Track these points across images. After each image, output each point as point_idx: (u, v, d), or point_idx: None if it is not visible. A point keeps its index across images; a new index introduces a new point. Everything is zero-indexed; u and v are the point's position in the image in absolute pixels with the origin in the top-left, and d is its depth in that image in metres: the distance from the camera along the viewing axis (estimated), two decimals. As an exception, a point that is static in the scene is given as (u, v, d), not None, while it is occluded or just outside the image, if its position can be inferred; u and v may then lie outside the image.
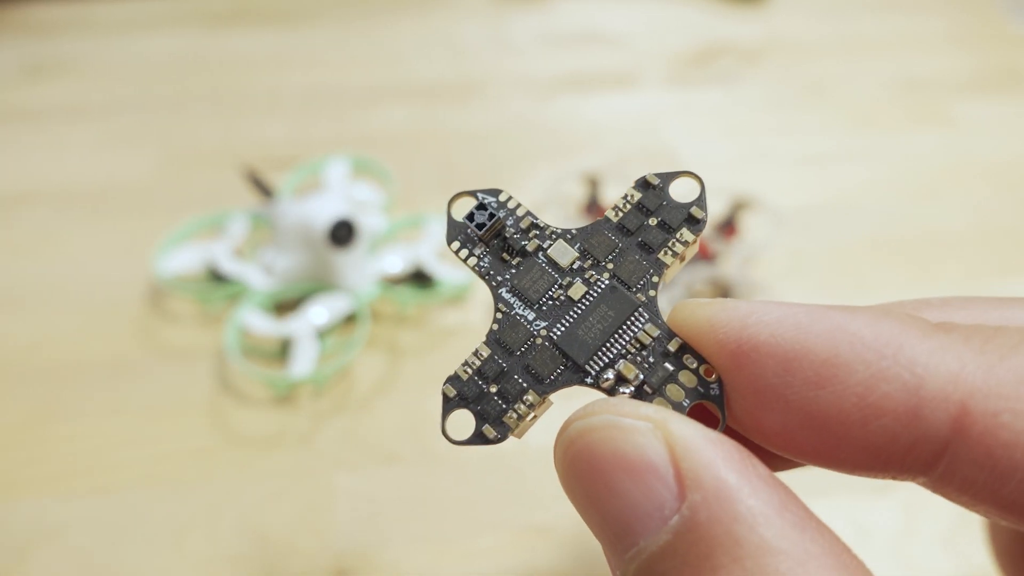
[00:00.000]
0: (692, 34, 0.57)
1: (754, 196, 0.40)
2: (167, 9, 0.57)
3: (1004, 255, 0.41)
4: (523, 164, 0.45)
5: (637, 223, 0.15)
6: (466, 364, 0.14)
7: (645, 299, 0.14)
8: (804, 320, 0.12)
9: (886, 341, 0.11)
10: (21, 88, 0.51)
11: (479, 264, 0.15)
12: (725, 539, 0.10)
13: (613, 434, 0.12)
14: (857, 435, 0.12)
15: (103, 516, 0.29)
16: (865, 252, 0.41)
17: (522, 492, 0.30)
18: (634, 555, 0.11)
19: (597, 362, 0.14)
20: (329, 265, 0.35)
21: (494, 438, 0.14)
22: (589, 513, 0.12)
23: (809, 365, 0.12)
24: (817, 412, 0.12)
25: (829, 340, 0.12)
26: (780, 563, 0.10)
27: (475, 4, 0.59)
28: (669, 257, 0.14)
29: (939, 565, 0.28)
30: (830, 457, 0.12)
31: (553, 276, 0.15)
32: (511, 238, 0.15)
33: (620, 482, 0.11)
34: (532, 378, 0.14)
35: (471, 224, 0.15)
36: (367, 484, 0.30)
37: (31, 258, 0.40)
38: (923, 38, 0.57)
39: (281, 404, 0.33)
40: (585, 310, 0.14)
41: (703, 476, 0.11)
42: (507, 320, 0.14)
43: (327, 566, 0.28)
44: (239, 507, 0.30)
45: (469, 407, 0.14)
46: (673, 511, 0.11)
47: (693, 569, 0.10)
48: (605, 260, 0.14)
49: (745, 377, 0.12)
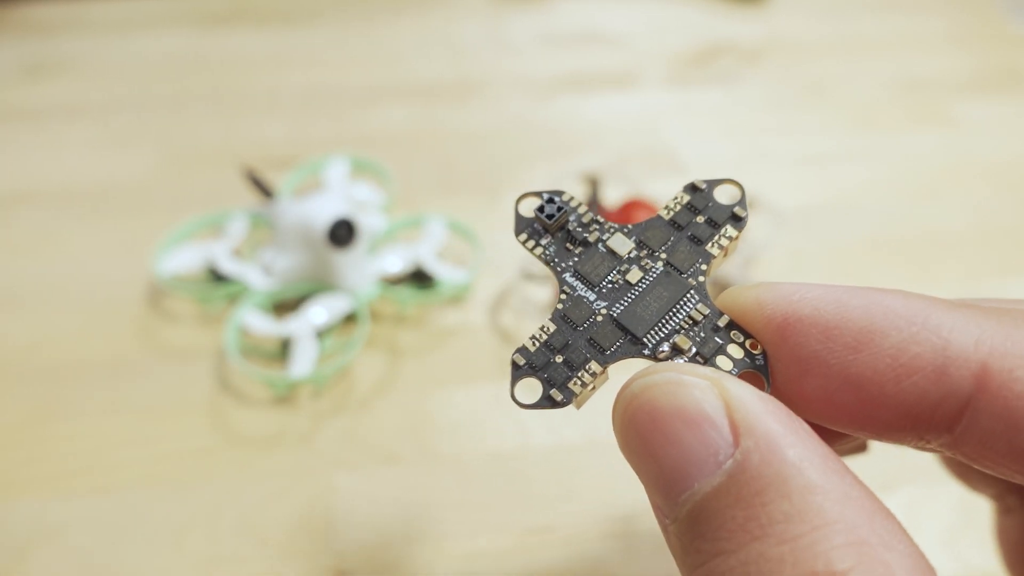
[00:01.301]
0: (692, 34, 0.57)
1: (754, 196, 0.40)
2: (166, 8, 0.57)
3: (1004, 255, 0.41)
4: (523, 164, 0.45)
5: (687, 219, 0.17)
6: (534, 337, 0.16)
7: (695, 283, 0.16)
8: (843, 296, 0.14)
9: (916, 311, 0.13)
10: (20, 87, 0.51)
11: (545, 252, 0.17)
12: (775, 479, 0.12)
13: (674, 389, 0.13)
14: (891, 393, 0.13)
15: (103, 516, 0.29)
16: (865, 252, 0.41)
17: (523, 493, 0.30)
18: (688, 496, 0.12)
19: (654, 336, 0.15)
20: (329, 265, 0.35)
21: (561, 401, 0.15)
22: (646, 462, 0.13)
23: (848, 332, 0.13)
24: (855, 373, 0.13)
25: (865, 311, 0.13)
26: (824, 500, 0.11)
27: (475, 4, 0.59)
28: (716, 249, 0.16)
29: (939, 566, 0.28)
30: (866, 417, 0.13)
31: (612, 263, 0.16)
32: (574, 231, 0.17)
33: (679, 431, 0.13)
34: (595, 349, 0.15)
35: (542, 215, 0.16)
36: (367, 484, 0.30)
37: (30, 258, 0.40)
38: (923, 38, 0.57)
39: (281, 404, 0.33)
40: (642, 292, 0.16)
41: (755, 426, 0.12)
42: (571, 300, 0.16)
43: (327, 566, 0.28)
44: (239, 507, 0.29)
45: (537, 374, 0.15)
46: (727, 456, 0.12)
47: (746, 503, 0.12)
48: (659, 250, 0.16)
49: (789, 347, 0.14)
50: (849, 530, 0.11)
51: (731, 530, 0.12)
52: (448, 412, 0.33)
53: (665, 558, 0.28)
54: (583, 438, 0.32)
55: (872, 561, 0.11)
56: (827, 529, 0.11)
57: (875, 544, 0.11)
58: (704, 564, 0.12)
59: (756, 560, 0.11)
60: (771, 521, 0.11)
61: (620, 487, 0.30)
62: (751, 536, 0.11)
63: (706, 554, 0.12)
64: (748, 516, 0.12)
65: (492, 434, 0.32)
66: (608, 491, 0.30)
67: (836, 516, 0.11)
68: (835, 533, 0.11)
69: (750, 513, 0.12)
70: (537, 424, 0.32)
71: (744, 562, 0.11)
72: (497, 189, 0.43)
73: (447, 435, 0.32)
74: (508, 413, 0.33)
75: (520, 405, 0.15)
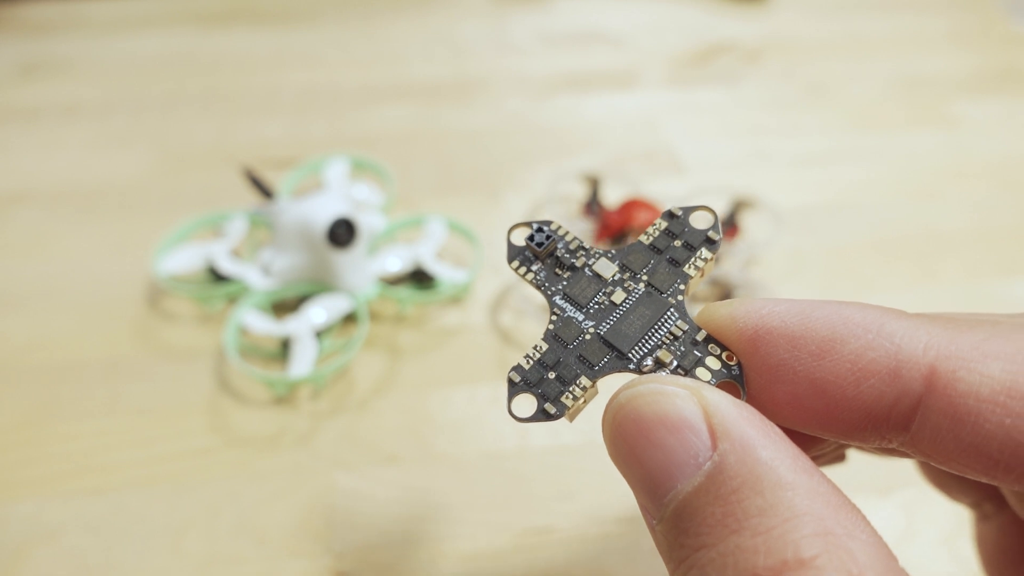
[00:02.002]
0: (692, 34, 0.57)
1: (754, 196, 0.40)
2: (163, 8, 0.57)
3: (1004, 255, 0.41)
4: (523, 164, 0.45)
5: (665, 244, 0.18)
6: (527, 356, 0.17)
7: (675, 302, 0.17)
8: (807, 308, 0.15)
9: (872, 320, 0.15)
10: (17, 87, 0.51)
11: (536, 277, 0.18)
12: (749, 477, 0.13)
13: (657, 398, 0.14)
14: (852, 395, 0.14)
15: (101, 516, 0.29)
16: (865, 252, 0.40)
17: (521, 493, 0.30)
18: (672, 496, 0.13)
19: (638, 351, 0.17)
20: (328, 265, 0.35)
21: (554, 414, 0.16)
22: (633, 467, 0.14)
23: (812, 341, 0.15)
24: (820, 378, 0.14)
25: (827, 322, 0.15)
26: (793, 495, 0.12)
27: (475, 4, 0.59)
28: (692, 270, 0.17)
29: (939, 567, 0.28)
30: (831, 419, 0.15)
31: (598, 286, 0.18)
32: (562, 257, 0.18)
33: (662, 437, 0.14)
34: (585, 365, 0.17)
35: (532, 243, 0.18)
36: (367, 484, 0.30)
37: (28, 258, 0.40)
38: (923, 38, 0.57)
39: (280, 404, 0.33)
40: (626, 311, 0.17)
41: (731, 429, 0.13)
42: (561, 320, 0.17)
43: (327, 566, 0.28)
44: (238, 507, 0.29)
45: (531, 390, 0.16)
46: (706, 458, 0.13)
47: (723, 500, 0.13)
48: (641, 272, 0.18)
49: (760, 357, 0.15)
50: (816, 521, 0.12)
51: (711, 525, 0.13)
52: (448, 412, 0.33)
53: (665, 559, 0.28)
54: (582, 439, 0.32)
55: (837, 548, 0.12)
56: (796, 521, 0.12)
57: (840, 534, 0.12)
58: (688, 558, 0.13)
59: (733, 551, 0.12)
60: (746, 515, 0.12)
61: (618, 488, 0.30)
62: (729, 530, 0.12)
63: (689, 548, 0.13)
64: (726, 512, 0.13)
65: (491, 434, 0.32)
66: (607, 491, 0.30)
67: (805, 509, 0.12)
68: (803, 524, 0.12)
69: (727, 509, 0.13)
70: (536, 426, 0.32)
71: (723, 554, 0.12)
72: (497, 189, 0.43)
73: (447, 435, 0.32)
74: (507, 414, 0.33)
75: (517, 419, 0.16)
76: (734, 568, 0.12)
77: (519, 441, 0.32)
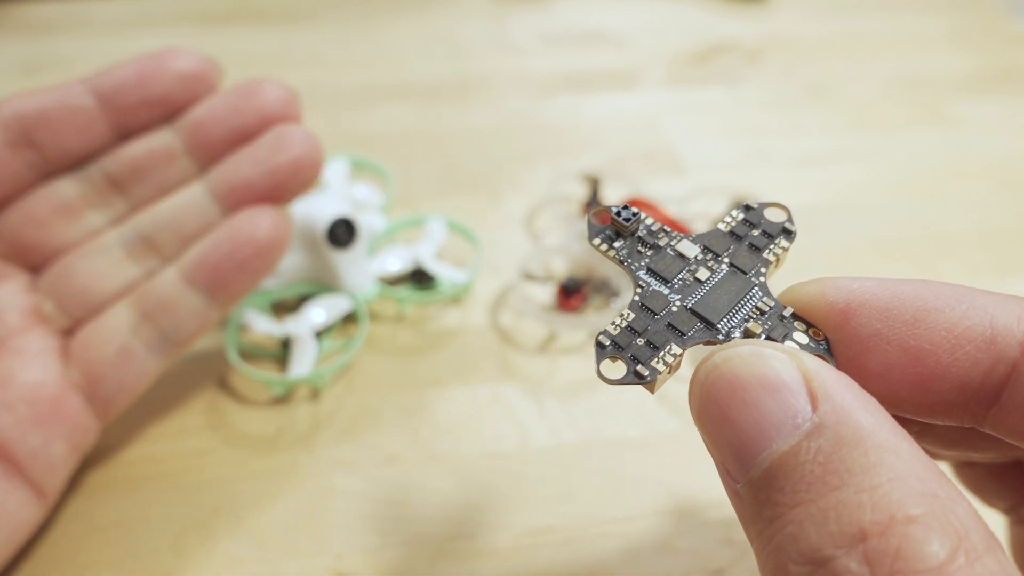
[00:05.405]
0: (692, 33, 0.57)
1: (755, 196, 0.40)
2: (164, 8, 0.57)
3: (1004, 255, 0.41)
4: (523, 163, 0.45)
5: (744, 231, 0.19)
6: (614, 323, 0.17)
7: (758, 282, 0.18)
8: (896, 284, 0.16)
9: (963, 294, 0.15)
10: (16, 87, 0.51)
11: (618, 254, 0.18)
12: (851, 437, 0.13)
13: (756, 360, 0.14)
14: (946, 363, 0.15)
15: (99, 516, 0.29)
16: (866, 252, 0.40)
17: (521, 494, 0.30)
18: (767, 456, 0.14)
19: (727, 322, 0.17)
20: (328, 265, 0.35)
21: (647, 376, 0.16)
22: (723, 428, 0.14)
23: (906, 310, 0.15)
24: (914, 346, 0.15)
25: (919, 294, 0.15)
26: (895, 459, 0.13)
27: (475, 3, 0.59)
28: (771, 256, 0.18)
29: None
30: (922, 389, 0.15)
31: (682, 264, 0.18)
32: (645, 236, 0.19)
33: (759, 397, 0.14)
34: (674, 333, 0.17)
35: (620, 219, 0.18)
36: (367, 484, 0.30)
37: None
38: (924, 37, 0.57)
39: (280, 404, 0.33)
40: (712, 287, 0.18)
41: (832, 394, 0.14)
42: (647, 292, 0.17)
43: (326, 567, 0.28)
44: (237, 507, 0.29)
45: (621, 354, 0.16)
46: (806, 419, 0.13)
47: (824, 458, 0.13)
48: (723, 255, 0.18)
49: (852, 328, 0.16)
50: (921, 483, 0.12)
51: (810, 483, 0.13)
52: (448, 412, 0.33)
53: (664, 558, 0.28)
54: (582, 439, 0.32)
55: (943, 509, 0.12)
56: (901, 481, 0.12)
57: (943, 496, 0.12)
58: (782, 516, 0.13)
59: (836, 507, 0.12)
60: (850, 473, 0.12)
61: (618, 488, 0.30)
62: (830, 487, 0.12)
63: (784, 506, 0.13)
64: (828, 470, 0.13)
65: (492, 434, 0.32)
66: (607, 491, 0.30)
67: (908, 471, 0.12)
68: (909, 484, 0.12)
69: (829, 467, 0.13)
70: (537, 424, 0.32)
71: (824, 509, 0.12)
72: (497, 189, 0.43)
73: (447, 435, 0.32)
74: (508, 414, 0.33)
75: (606, 381, 0.16)
76: (836, 522, 0.12)
77: (519, 441, 0.32)
